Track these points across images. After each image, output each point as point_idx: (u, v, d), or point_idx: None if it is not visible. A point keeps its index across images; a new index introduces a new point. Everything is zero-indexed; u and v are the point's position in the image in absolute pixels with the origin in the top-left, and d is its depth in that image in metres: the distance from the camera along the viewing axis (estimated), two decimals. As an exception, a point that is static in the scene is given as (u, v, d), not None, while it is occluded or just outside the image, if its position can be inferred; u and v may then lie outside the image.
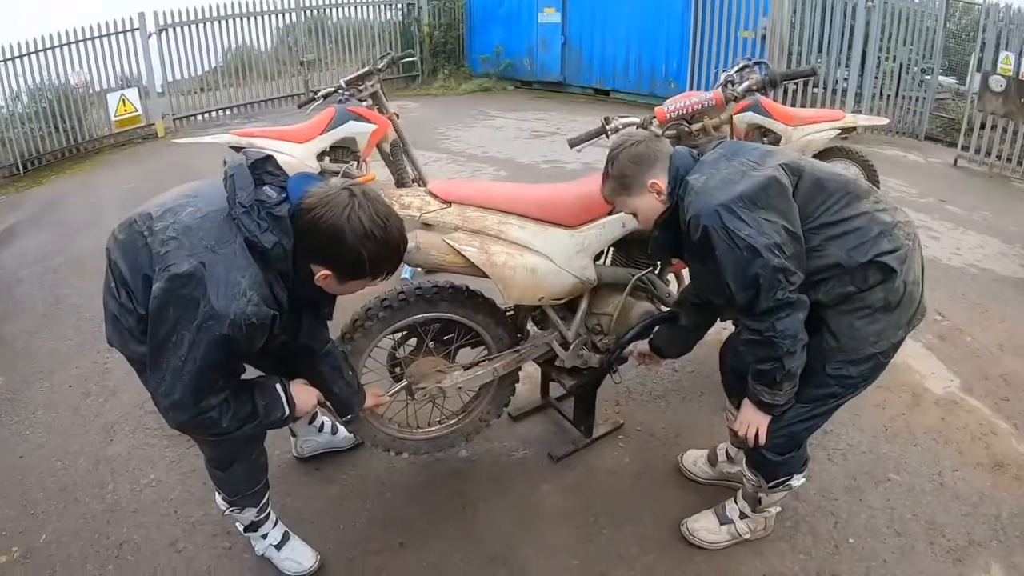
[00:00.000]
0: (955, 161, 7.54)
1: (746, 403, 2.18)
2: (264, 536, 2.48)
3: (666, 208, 2.13)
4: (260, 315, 1.73)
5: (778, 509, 2.52)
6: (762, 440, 2.17)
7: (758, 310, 1.92)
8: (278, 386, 2.06)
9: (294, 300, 1.88)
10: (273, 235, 1.73)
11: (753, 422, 2.16)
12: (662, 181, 2.09)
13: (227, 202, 1.78)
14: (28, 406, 3.62)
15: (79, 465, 3.13)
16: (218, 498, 2.43)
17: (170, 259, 1.71)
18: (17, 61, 8.84)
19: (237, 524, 2.48)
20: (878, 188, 4.95)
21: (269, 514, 2.48)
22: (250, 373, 2.12)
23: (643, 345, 2.70)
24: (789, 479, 2.34)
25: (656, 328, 2.66)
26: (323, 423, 3.01)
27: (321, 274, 1.81)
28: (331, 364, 2.27)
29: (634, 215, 2.24)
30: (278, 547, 2.48)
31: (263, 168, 1.82)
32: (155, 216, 1.81)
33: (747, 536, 2.51)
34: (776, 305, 1.89)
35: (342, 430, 3.01)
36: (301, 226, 1.74)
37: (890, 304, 1.98)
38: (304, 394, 2.15)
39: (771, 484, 2.34)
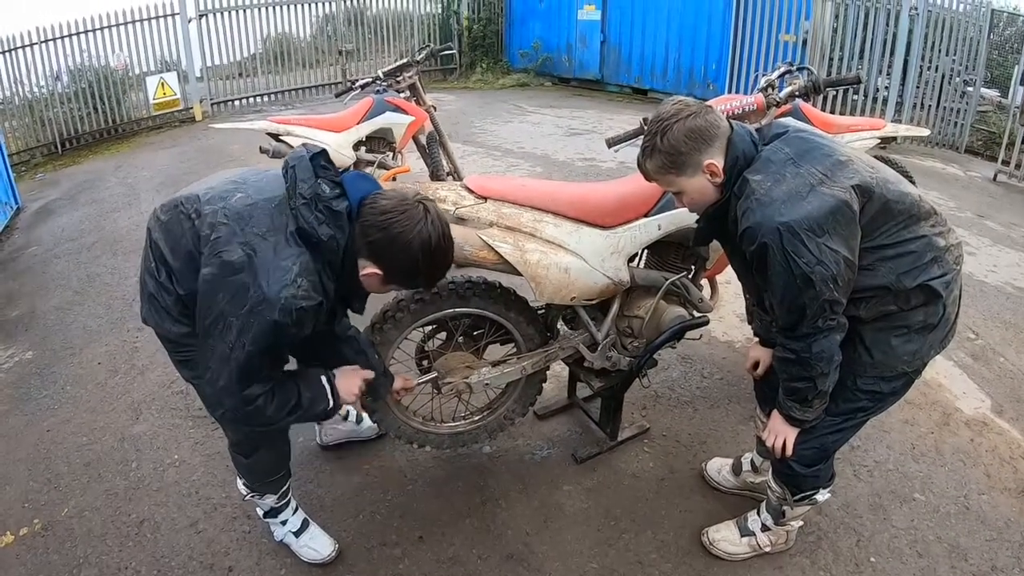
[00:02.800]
0: (995, 176, 7.38)
1: (775, 414, 2.15)
2: (283, 523, 2.49)
3: (718, 200, 1.96)
4: (310, 301, 1.76)
5: (800, 523, 2.49)
6: (789, 452, 2.14)
7: (797, 333, 1.89)
8: (323, 378, 2.08)
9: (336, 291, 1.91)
10: (329, 228, 1.77)
11: (781, 433, 2.14)
12: (719, 162, 1.90)
13: (285, 191, 1.81)
14: (57, 381, 3.69)
15: (104, 441, 3.17)
16: (239, 483, 2.46)
17: (220, 245, 1.75)
18: (58, 42, 8.96)
19: (257, 509, 2.50)
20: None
21: (289, 501, 2.50)
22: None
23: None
24: (815, 493, 2.30)
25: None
26: (348, 412, 3.02)
27: (369, 271, 1.86)
28: (354, 348, 2.29)
29: (677, 194, 2.03)
30: (297, 534, 2.50)
31: (318, 161, 1.85)
32: (203, 199, 1.85)
33: (768, 549, 2.48)
34: (814, 331, 1.86)
35: (366, 420, 3.02)
36: (366, 224, 1.80)
37: (929, 326, 1.94)
38: (347, 383, 2.16)
39: (796, 497, 2.31)
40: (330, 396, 2.07)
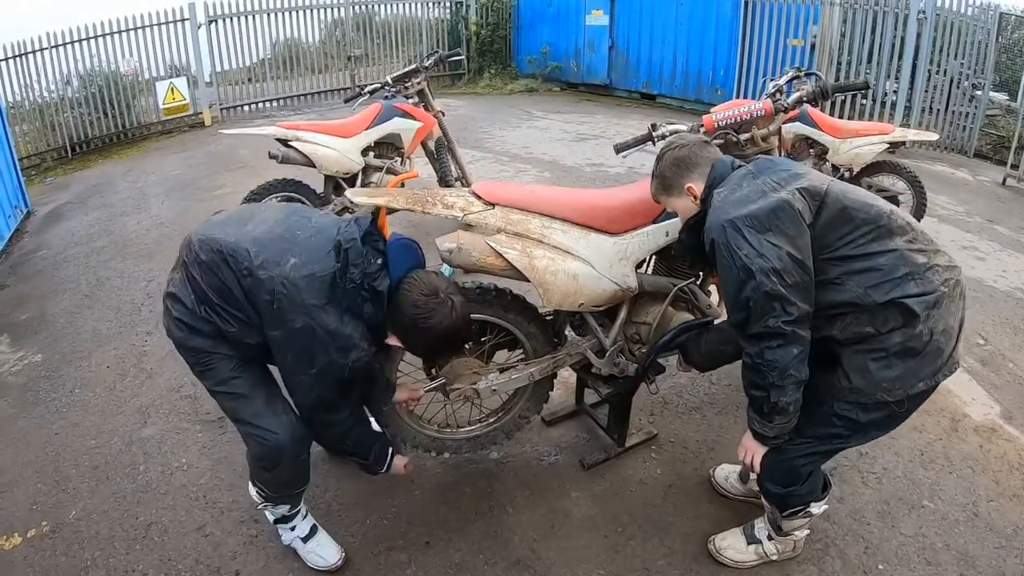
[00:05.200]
0: (1004, 180, 7.35)
1: (747, 430, 2.16)
2: (292, 528, 2.50)
3: (695, 213, 2.16)
4: (368, 356, 2.12)
5: (807, 531, 2.48)
6: (755, 469, 2.17)
7: (748, 333, 1.92)
8: (390, 449, 2.48)
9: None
10: (372, 307, 2.09)
11: (750, 450, 2.16)
12: (699, 187, 2.13)
13: (336, 269, 2.05)
14: (66, 384, 3.70)
15: (112, 445, 3.18)
16: (252, 491, 2.47)
17: (285, 314, 2.01)
18: (69, 47, 9.01)
19: (268, 514, 2.50)
20: (925, 205, 4.87)
21: (301, 507, 2.50)
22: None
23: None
24: (805, 507, 2.30)
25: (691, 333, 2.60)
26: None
27: (394, 341, 2.22)
28: None
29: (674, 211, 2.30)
30: (304, 540, 2.50)
31: (367, 240, 2.12)
32: (255, 260, 2.03)
33: (774, 557, 2.47)
34: (766, 332, 1.87)
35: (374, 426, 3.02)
36: (398, 312, 2.10)
37: (910, 351, 1.89)
38: (399, 463, 2.53)
39: (785, 513, 2.31)
40: (387, 465, 2.46)
